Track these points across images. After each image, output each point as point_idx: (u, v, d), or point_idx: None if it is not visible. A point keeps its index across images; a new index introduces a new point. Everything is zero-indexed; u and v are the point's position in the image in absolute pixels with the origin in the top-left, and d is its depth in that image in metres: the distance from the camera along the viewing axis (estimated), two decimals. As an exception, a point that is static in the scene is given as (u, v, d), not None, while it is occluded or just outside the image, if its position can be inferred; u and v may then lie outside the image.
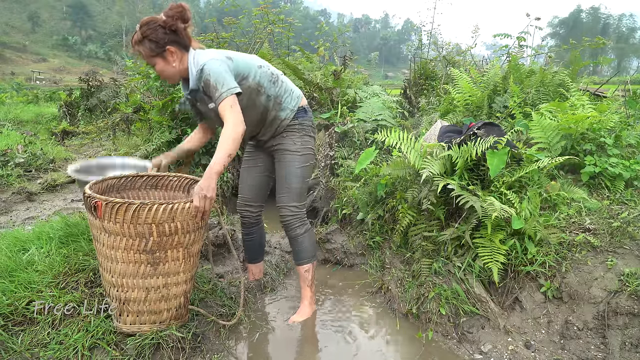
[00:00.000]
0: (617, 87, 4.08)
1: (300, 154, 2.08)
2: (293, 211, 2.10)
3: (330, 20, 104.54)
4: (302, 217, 2.15)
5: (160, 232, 1.59)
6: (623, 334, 1.75)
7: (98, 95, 8.32)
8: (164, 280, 1.67)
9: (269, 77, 2.00)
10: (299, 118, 2.08)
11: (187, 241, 1.68)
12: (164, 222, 1.58)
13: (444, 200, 2.35)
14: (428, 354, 1.96)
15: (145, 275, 1.63)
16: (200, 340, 1.92)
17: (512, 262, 2.11)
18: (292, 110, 2.05)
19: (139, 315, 1.69)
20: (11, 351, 1.57)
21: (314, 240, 2.20)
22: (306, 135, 2.11)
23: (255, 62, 2.00)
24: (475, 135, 2.26)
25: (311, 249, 2.17)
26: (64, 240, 2.25)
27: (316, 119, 4.09)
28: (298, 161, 2.08)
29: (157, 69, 1.85)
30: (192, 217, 1.65)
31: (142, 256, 1.61)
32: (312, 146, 2.14)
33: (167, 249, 1.63)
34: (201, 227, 1.74)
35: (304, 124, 2.09)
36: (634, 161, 2.49)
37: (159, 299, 1.68)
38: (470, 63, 5.14)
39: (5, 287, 1.81)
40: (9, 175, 4.55)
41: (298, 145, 2.07)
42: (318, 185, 3.62)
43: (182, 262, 1.69)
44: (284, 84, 2.06)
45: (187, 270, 1.74)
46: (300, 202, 2.12)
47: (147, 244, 1.59)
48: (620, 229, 2.08)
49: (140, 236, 1.58)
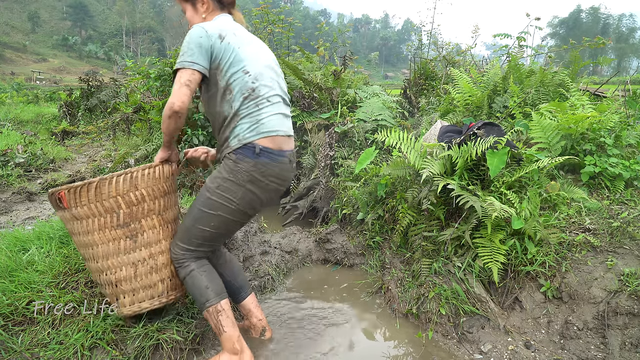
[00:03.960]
0: (617, 87, 4.07)
1: (208, 195, 1.65)
2: (174, 250, 1.73)
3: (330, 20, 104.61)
4: (181, 260, 1.71)
5: (127, 203, 1.60)
6: (623, 334, 1.75)
7: (98, 95, 8.33)
8: (148, 251, 1.67)
9: (245, 89, 1.64)
10: (238, 155, 1.62)
11: (158, 208, 1.68)
12: (128, 191, 1.60)
13: (444, 200, 2.35)
14: (428, 354, 1.96)
15: (127, 250, 1.64)
16: (199, 340, 1.92)
17: (512, 262, 2.11)
18: (239, 141, 1.62)
19: (134, 293, 1.67)
20: (11, 351, 1.57)
21: (201, 285, 1.70)
22: (232, 181, 1.62)
23: (250, 64, 1.67)
24: (475, 135, 2.26)
25: (197, 295, 1.71)
26: (64, 240, 2.26)
27: (316, 119, 4.09)
28: (201, 201, 1.67)
29: (186, 15, 1.79)
30: (155, 179, 1.66)
31: (119, 231, 1.62)
32: (233, 198, 1.63)
33: (140, 218, 1.64)
34: (168, 192, 1.74)
35: (238, 166, 1.61)
36: (633, 161, 2.49)
37: (149, 272, 1.67)
38: (470, 63, 5.14)
39: (5, 287, 1.81)
40: (9, 175, 4.56)
41: (214, 185, 1.65)
42: (318, 185, 3.62)
43: (159, 229, 1.70)
44: (256, 110, 1.65)
45: (168, 237, 1.74)
46: (184, 243, 1.70)
47: (118, 218, 1.60)
48: (620, 229, 2.08)
49: (109, 212, 1.59)
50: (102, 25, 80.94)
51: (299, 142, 4.10)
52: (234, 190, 1.63)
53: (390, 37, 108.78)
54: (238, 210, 1.67)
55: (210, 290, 1.70)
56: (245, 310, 2.02)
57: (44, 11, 77.72)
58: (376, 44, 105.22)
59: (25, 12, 72.64)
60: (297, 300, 2.45)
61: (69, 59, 63.57)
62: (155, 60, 5.04)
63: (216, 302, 1.71)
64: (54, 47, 67.60)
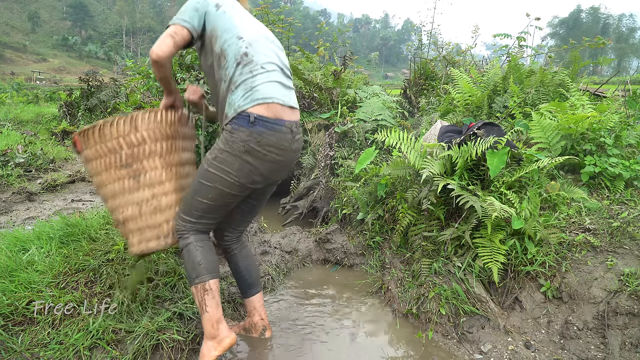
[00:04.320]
0: (617, 87, 4.07)
1: (206, 167, 1.64)
2: (177, 222, 1.73)
3: (330, 20, 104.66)
4: (182, 231, 1.72)
5: (128, 144, 1.66)
6: (623, 334, 1.75)
7: (98, 95, 8.33)
8: (151, 191, 1.71)
9: (238, 54, 1.60)
10: (234, 125, 1.58)
11: (160, 150, 1.71)
12: (129, 133, 1.66)
13: (444, 200, 2.35)
14: (428, 354, 1.96)
15: (131, 189, 1.69)
16: (199, 340, 1.92)
17: (512, 262, 2.11)
18: (234, 111, 1.58)
19: (141, 232, 1.72)
20: (11, 351, 1.57)
21: (195, 260, 1.69)
22: (228, 152, 1.59)
23: (244, 30, 1.65)
24: (475, 135, 2.26)
25: (190, 268, 1.70)
26: (64, 240, 2.26)
27: (316, 119, 4.08)
28: (200, 173, 1.67)
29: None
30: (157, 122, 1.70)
31: (123, 171, 1.68)
32: (230, 169, 1.60)
33: (141, 159, 1.69)
34: (173, 137, 1.76)
35: (234, 136, 1.57)
36: (633, 161, 2.49)
37: (152, 211, 1.71)
38: (470, 63, 5.14)
39: (5, 287, 1.81)
40: (9, 175, 4.56)
41: (211, 157, 1.63)
42: (318, 185, 3.62)
43: (162, 170, 1.72)
44: (250, 77, 1.60)
45: (172, 179, 1.75)
46: (186, 214, 1.70)
47: (121, 158, 1.67)
48: (620, 229, 2.08)
49: (112, 152, 1.66)
50: (102, 25, 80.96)
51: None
52: (230, 161, 1.59)
53: (390, 37, 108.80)
54: (236, 183, 1.63)
55: (202, 266, 1.68)
56: (250, 307, 2.02)
57: (44, 11, 77.74)
58: (376, 44, 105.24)
59: (25, 12, 72.66)
60: (297, 300, 2.45)
61: (69, 59, 63.58)
62: (155, 60, 5.02)
63: (205, 280, 1.68)
64: (54, 47, 67.61)
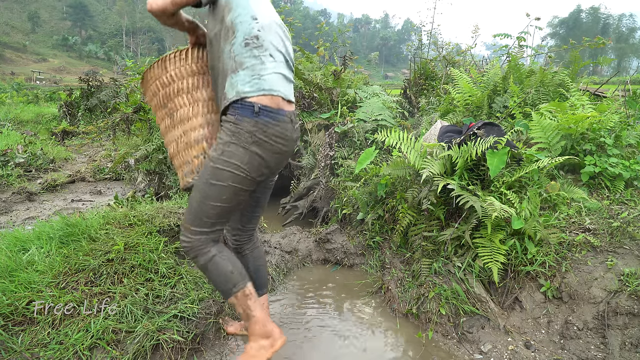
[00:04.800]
0: (617, 87, 4.08)
1: (212, 165, 1.53)
2: (187, 237, 1.59)
3: (330, 20, 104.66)
4: (199, 246, 1.60)
5: (162, 84, 1.76)
6: (623, 334, 1.75)
7: (98, 95, 8.33)
8: (182, 128, 1.76)
9: (248, 34, 1.51)
10: (237, 115, 1.49)
11: (186, 87, 1.76)
12: (161, 75, 1.76)
13: (444, 200, 2.35)
14: (428, 354, 1.96)
15: (169, 128, 1.78)
16: (200, 340, 1.92)
17: (512, 262, 2.11)
18: (237, 94, 1.49)
19: (182, 168, 1.77)
20: (11, 351, 1.57)
21: (226, 270, 1.61)
22: (235, 144, 1.49)
23: (260, 13, 1.56)
24: (475, 135, 2.26)
25: (222, 281, 1.62)
26: (64, 240, 2.26)
27: (316, 119, 4.08)
28: (207, 174, 1.55)
29: None
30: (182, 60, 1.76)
31: (163, 111, 1.79)
32: (240, 163, 1.51)
33: (172, 98, 1.76)
34: (200, 72, 1.79)
35: (239, 128, 1.48)
36: (634, 161, 2.49)
37: (185, 148, 1.76)
38: (470, 63, 5.14)
39: (5, 287, 1.81)
40: (9, 175, 4.56)
41: (218, 153, 1.52)
42: (318, 185, 3.62)
43: (189, 107, 1.76)
44: (258, 63, 1.52)
45: (198, 115, 1.77)
46: (198, 226, 1.58)
47: (160, 99, 1.77)
48: (620, 229, 2.08)
49: (153, 94, 1.79)
50: (102, 25, 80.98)
51: (299, 142, 4.10)
52: (239, 154, 1.50)
53: (390, 37, 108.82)
54: (248, 177, 1.55)
55: (235, 274, 1.61)
56: None
57: (44, 11, 77.75)
58: (376, 44, 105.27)
59: (25, 12, 72.67)
60: (296, 300, 2.45)
61: (69, 59, 63.59)
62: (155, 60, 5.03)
63: (243, 286, 1.62)
64: (54, 47, 67.63)
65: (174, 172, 4.10)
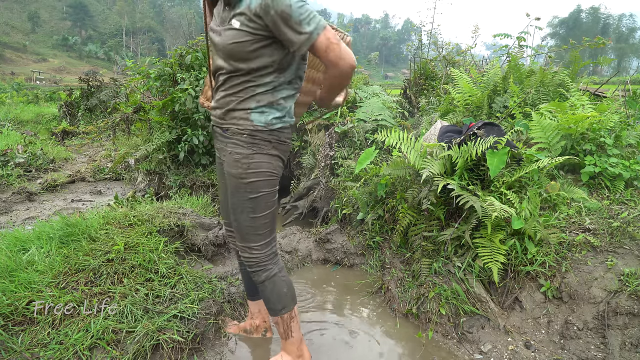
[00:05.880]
0: (617, 87, 4.08)
1: (243, 182, 1.51)
2: (252, 254, 1.62)
3: (330, 20, 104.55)
4: (264, 261, 1.63)
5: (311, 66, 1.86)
6: (623, 334, 1.75)
7: (98, 95, 8.34)
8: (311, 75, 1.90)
9: (295, 75, 1.53)
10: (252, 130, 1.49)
11: None
12: None
13: (444, 200, 2.35)
14: (428, 354, 1.96)
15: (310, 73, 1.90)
16: (200, 340, 1.92)
17: (512, 262, 2.11)
18: (265, 125, 1.48)
19: None
20: (11, 351, 1.57)
21: (280, 291, 1.66)
22: (259, 153, 1.50)
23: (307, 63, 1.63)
24: (475, 135, 2.26)
25: (274, 299, 1.67)
26: (64, 240, 2.26)
27: (316, 119, 4.09)
28: (243, 192, 1.53)
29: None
30: None
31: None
32: (268, 169, 1.54)
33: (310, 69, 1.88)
34: None
35: (256, 139, 1.50)
36: (634, 161, 2.49)
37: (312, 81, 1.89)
38: (470, 63, 5.14)
39: (5, 287, 1.81)
40: (9, 175, 4.56)
41: (242, 170, 1.50)
42: (318, 185, 3.62)
43: None
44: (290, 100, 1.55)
45: None
46: (258, 241, 1.60)
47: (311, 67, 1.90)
48: (620, 229, 2.08)
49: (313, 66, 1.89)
50: (102, 25, 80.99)
51: (299, 142, 4.10)
52: (265, 161, 1.52)
53: (390, 37, 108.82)
54: (276, 179, 1.59)
55: (288, 296, 1.69)
56: (254, 309, 2.04)
57: (44, 11, 77.75)
58: (376, 44, 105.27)
59: (25, 12, 72.67)
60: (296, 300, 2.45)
61: (69, 59, 63.60)
62: (155, 60, 5.03)
63: (292, 309, 1.70)
64: (54, 47, 67.63)
65: (174, 172, 4.11)
